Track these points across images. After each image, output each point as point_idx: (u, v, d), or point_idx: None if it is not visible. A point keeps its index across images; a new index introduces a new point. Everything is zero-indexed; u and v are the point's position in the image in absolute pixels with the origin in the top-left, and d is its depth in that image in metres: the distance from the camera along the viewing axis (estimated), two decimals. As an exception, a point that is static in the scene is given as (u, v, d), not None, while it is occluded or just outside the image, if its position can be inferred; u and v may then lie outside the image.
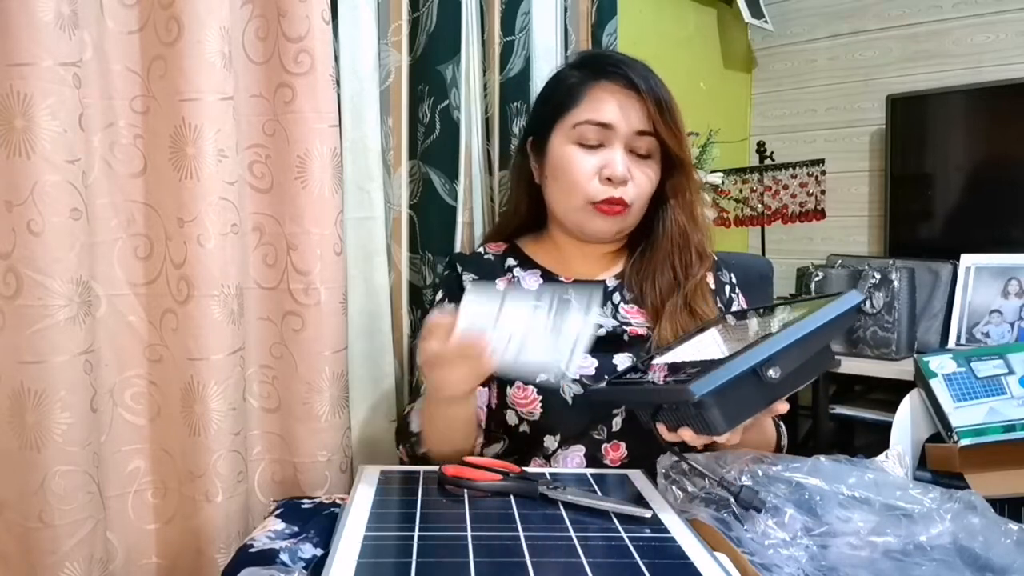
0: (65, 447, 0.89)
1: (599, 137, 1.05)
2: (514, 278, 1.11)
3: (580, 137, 1.06)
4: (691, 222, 1.12)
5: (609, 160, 1.04)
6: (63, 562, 0.89)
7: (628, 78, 1.05)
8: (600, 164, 1.05)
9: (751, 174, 2.16)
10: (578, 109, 1.06)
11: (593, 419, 1.02)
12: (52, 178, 0.86)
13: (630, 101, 1.05)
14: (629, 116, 1.04)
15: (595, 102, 1.06)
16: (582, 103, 1.06)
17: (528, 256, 1.14)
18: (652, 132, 1.05)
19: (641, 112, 1.04)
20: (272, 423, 1.12)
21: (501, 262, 1.14)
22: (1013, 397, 1.36)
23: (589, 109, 1.05)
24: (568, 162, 1.06)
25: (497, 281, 1.11)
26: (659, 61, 1.12)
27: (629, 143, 1.05)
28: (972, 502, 0.80)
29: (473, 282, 1.08)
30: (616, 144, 1.05)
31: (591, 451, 1.03)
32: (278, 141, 1.07)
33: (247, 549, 0.80)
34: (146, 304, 1.01)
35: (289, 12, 1.03)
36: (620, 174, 1.04)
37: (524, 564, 0.66)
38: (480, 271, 1.11)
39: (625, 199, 1.05)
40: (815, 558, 0.74)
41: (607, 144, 1.05)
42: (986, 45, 2.17)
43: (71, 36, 0.87)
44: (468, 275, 1.11)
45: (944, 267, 1.97)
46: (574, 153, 1.06)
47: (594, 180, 1.05)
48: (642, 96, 1.04)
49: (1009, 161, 2.08)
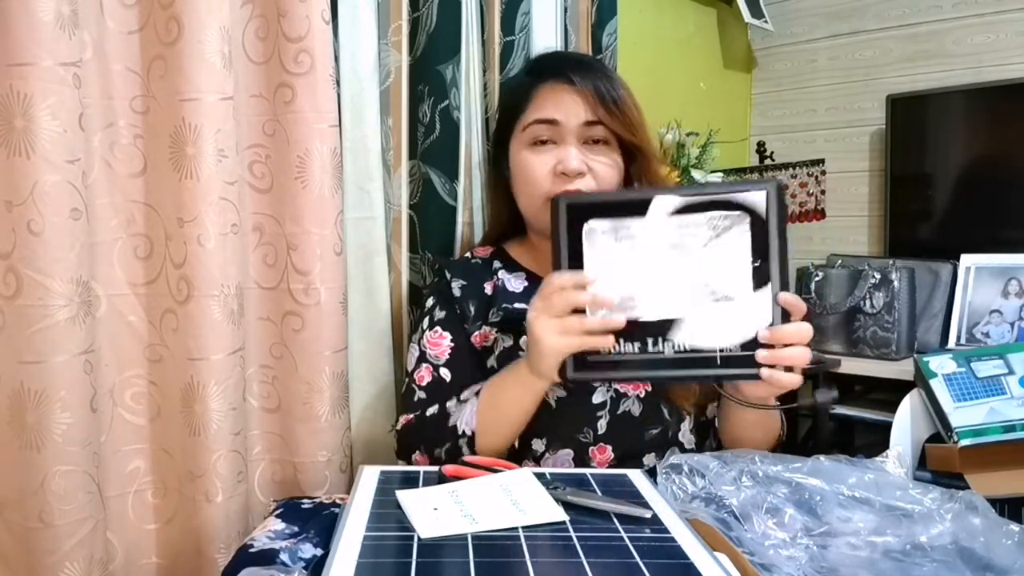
0: (65, 447, 0.89)
1: (550, 135, 1.07)
2: (499, 280, 1.11)
3: (532, 138, 1.08)
4: None
5: (562, 156, 1.05)
6: (63, 562, 0.89)
7: (567, 75, 1.07)
8: (554, 161, 1.06)
9: (751, 174, 2.15)
10: (527, 112, 1.09)
11: (578, 422, 1.03)
12: (52, 178, 0.86)
13: (572, 96, 1.06)
14: (573, 110, 1.06)
15: (540, 101, 1.08)
16: (530, 106, 1.09)
17: (513, 259, 1.15)
18: (597, 122, 1.06)
19: (584, 105, 1.06)
20: (272, 423, 1.12)
21: (488, 265, 1.15)
22: (1013, 397, 1.35)
23: (535, 109, 1.08)
24: (524, 164, 1.08)
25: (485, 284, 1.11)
26: (659, 61, 1.12)
27: (582, 135, 1.07)
28: (973, 503, 0.80)
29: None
30: (568, 139, 1.06)
31: (578, 454, 1.03)
32: (278, 141, 1.07)
33: (247, 549, 0.80)
34: (146, 304, 1.01)
35: (289, 12, 1.03)
36: (573, 167, 1.04)
37: (524, 564, 0.66)
38: (467, 275, 1.12)
39: (584, 191, 1.05)
40: (815, 558, 0.74)
41: (559, 141, 1.07)
42: (986, 45, 2.17)
43: (71, 36, 0.87)
44: (456, 280, 1.11)
45: (944, 267, 1.97)
46: (529, 154, 1.08)
47: (549, 177, 1.06)
48: (582, 90, 1.06)
49: (1009, 161, 2.08)
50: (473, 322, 1.09)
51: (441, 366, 1.07)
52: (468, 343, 1.09)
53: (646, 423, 1.04)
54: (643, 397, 1.04)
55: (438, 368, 1.07)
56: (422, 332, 1.10)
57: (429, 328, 1.10)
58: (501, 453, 0.99)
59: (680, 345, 0.87)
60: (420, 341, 1.10)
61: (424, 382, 1.07)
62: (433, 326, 1.09)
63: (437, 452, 1.00)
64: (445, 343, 1.08)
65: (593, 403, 1.03)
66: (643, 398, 1.04)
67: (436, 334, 1.09)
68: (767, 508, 0.78)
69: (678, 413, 1.07)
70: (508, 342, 1.07)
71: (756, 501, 0.80)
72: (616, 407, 1.04)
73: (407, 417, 1.05)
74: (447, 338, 1.08)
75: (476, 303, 1.10)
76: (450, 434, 0.99)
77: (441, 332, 1.09)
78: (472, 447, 0.98)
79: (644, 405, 1.04)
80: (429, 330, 1.09)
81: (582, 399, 1.03)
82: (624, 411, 1.04)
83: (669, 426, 1.06)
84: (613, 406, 1.04)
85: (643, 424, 1.04)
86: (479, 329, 1.09)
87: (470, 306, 1.09)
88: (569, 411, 1.03)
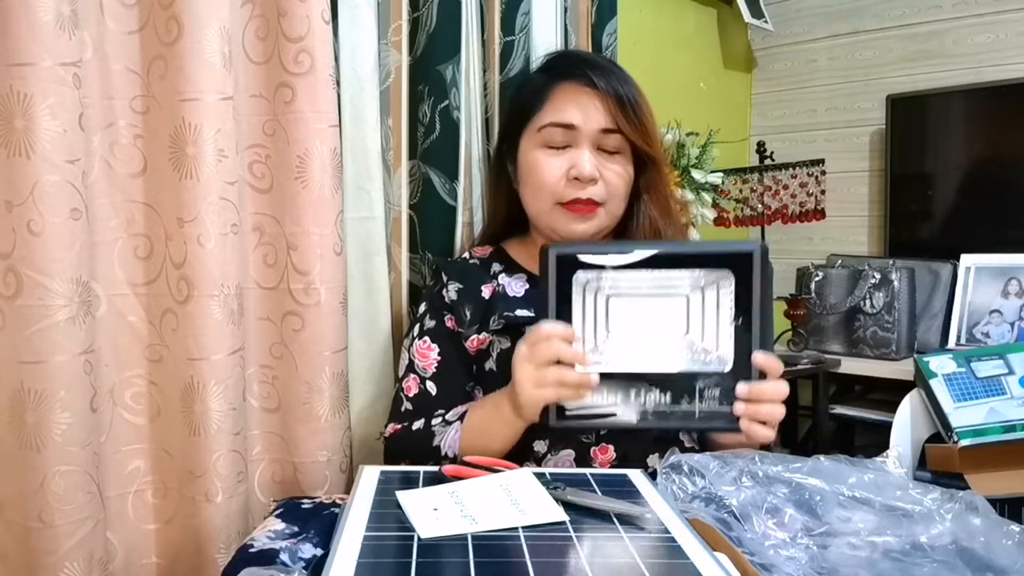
0: (65, 447, 0.89)
1: (565, 138, 1.06)
2: (498, 285, 1.10)
3: (546, 140, 1.06)
4: (664, 217, 1.12)
5: (576, 160, 1.04)
6: (63, 562, 0.89)
7: (588, 77, 1.05)
8: (567, 165, 1.05)
9: (751, 174, 2.15)
10: (542, 112, 1.07)
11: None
12: (52, 178, 0.86)
13: (592, 100, 1.05)
14: (592, 115, 1.05)
15: (558, 103, 1.06)
16: (546, 106, 1.07)
17: (513, 259, 1.14)
18: (616, 129, 1.05)
19: (604, 110, 1.05)
20: (272, 423, 1.12)
21: (487, 267, 1.13)
22: (1013, 397, 1.35)
23: (552, 111, 1.06)
24: (535, 165, 1.07)
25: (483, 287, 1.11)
26: (659, 61, 1.12)
27: (596, 142, 1.06)
28: (973, 503, 0.80)
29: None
30: (583, 144, 1.05)
31: (580, 454, 1.03)
32: (278, 141, 1.07)
33: (247, 549, 0.80)
34: (146, 304, 1.01)
35: (289, 12, 1.03)
36: (587, 173, 1.03)
37: (524, 564, 0.66)
38: (464, 277, 1.11)
39: (595, 199, 1.05)
40: (815, 558, 0.74)
41: (574, 145, 1.05)
42: (986, 45, 2.17)
43: (71, 36, 0.87)
44: (452, 283, 1.10)
45: (944, 267, 1.97)
46: (541, 156, 1.07)
47: (562, 181, 1.05)
48: (603, 94, 1.04)
49: (1009, 161, 2.08)
50: (469, 326, 1.07)
51: (427, 379, 1.07)
52: (457, 353, 1.08)
53: None
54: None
55: (424, 380, 1.07)
56: (412, 339, 1.10)
57: (419, 337, 1.09)
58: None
59: (660, 398, 0.90)
60: (410, 348, 1.09)
61: (411, 393, 1.07)
62: (422, 335, 1.09)
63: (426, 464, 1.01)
64: (432, 355, 1.08)
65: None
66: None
67: (424, 344, 1.08)
68: (767, 508, 0.78)
69: None
70: (506, 343, 1.06)
71: (756, 501, 0.80)
72: None
73: (395, 426, 1.05)
74: (434, 350, 1.08)
75: (473, 307, 1.08)
76: (434, 454, 0.99)
77: (429, 343, 1.08)
78: None
79: None
80: (419, 339, 1.09)
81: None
82: None
83: None
84: None
85: None
86: (475, 334, 1.08)
87: (466, 311, 1.08)
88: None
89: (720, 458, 0.87)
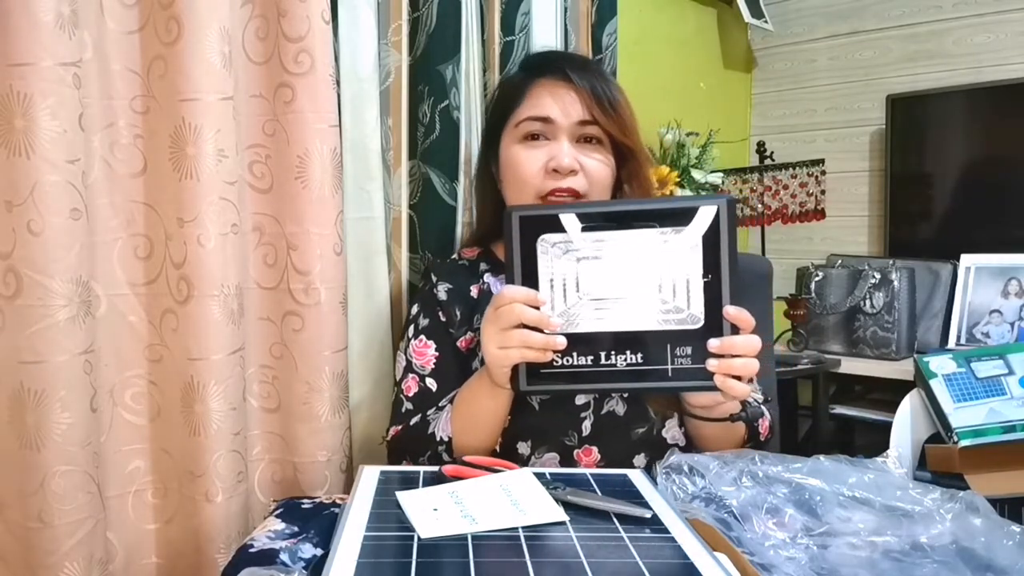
0: (65, 447, 0.89)
1: (543, 132, 1.06)
2: (484, 284, 1.11)
3: (525, 134, 1.07)
4: None
5: (555, 152, 1.05)
6: (63, 562, 0.89)
7: (565, 72, 1.06)
8: (546, 158, 1.05)
9: (751, 174, 2.15)
10: (520, 108, 1.08)
11: (562, 424, 1.02)
12: (52, 178, 0.86)
13: (568, 94, 1.06)
14: (569, 108, 1.05)
15: (535, 99, 1.07)
16: (524, 102, 1.08)
17: (500, 260, 1.14)
18: (593, 121, 1.06)
19: (580, 103, 1.06)
20: (272, 423, 1.12)
21: (474, 267, 1.14)
22: (1013, 397, 1.35)
23: (529, 106, 1.07)
24: (515, 160, 1.07)
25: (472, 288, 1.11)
26: (659, 61, 1.12)
27: (575, 134, 1.06)
28: (973, 503, 0.80)
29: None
30: (561, 137, 1.06)
31: (564, 457, 1.02)
32: (278, 141, 1.07)
33: (247, 549, 0.80)
34: (146, 304, 1.01)
35: (289, 12, 1.03)
36: (565, 164, 1.04)
37: (524, 564, 0.66)
38: (453, 278, 1.11)
39: (576, 189, 1.05)
40: (815, 558, 0.74)
41: (552, 138, 1.06)
42: (986, 45, 2.17)
43: (71, 36, 0.87)
44: (442, 283, 1.10)
45: (944, 267, 1.97)
46: (520, 150, 1.07)
47: (541, 173, 1.05)
48: (579, 88, 1.05)
49: (1009, 161, 2.08)
50: (459, 327, 1.08)
51: (427, 376, 1.07)
52: (454, 350, 1.08)
53: (632, 423, 1.03)
54: (627, 396, 1.03)
55: (424, 378, 1.07)
56: (408, 341, 1.10)
57: (414, 337, 1.09)
58: (483, 454, 0.98)
59: (632, 358, 0.89)
60: (406, 350, 1.09)
61: (411, 392, 1.06)
62: (418, 335, 1.09)
63: (421, 461, 1.01)
64: (430, 352, 1.08)
65: (576, 404, 1.02)
66: (627, 397, 1.03)
67: (421, 343, 1.08)
68: (767, 508, 0.78)
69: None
70: None
71: (756, 501, 0.80)
72: (600, 407, 1.03)
73: (396, 428, 1.05)
74: (431, 347, 1.08)
75: (462, 307, 1.09)
76: (430, 441, 0.99)
77: (426, 341, 1.08)
78: (451, 452, 0.99)
79: (629, 405, 1.03)
80: (414, 339, 1.09)
81: (564, 400, 1.02)
82: (608, 411, 1.03)
83: (655, 424, 1.04)
84: (597, 407, 1.02)
85: (629, 424, 1.03)
86: (464, 334, 1.08)
87: (456, 310, 1.08)
88: (552, 413, 1.02)
89: (720, 458, 0.87)
